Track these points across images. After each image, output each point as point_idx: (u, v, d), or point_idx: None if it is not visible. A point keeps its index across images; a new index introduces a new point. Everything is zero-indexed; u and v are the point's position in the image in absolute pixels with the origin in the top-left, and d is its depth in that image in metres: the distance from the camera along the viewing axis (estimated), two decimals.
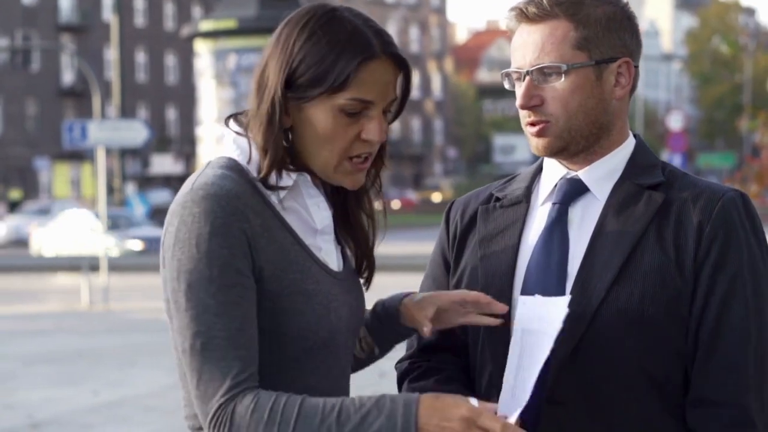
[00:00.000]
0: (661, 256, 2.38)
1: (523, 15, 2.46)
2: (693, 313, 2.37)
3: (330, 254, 2.43)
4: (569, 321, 2.24)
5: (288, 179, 2.36)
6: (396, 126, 2.87)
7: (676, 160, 51.50)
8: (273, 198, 2.35)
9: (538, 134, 2.46)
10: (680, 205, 2.42)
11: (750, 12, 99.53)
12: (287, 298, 2.30)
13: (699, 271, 2.37)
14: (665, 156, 57.09)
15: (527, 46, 2.45)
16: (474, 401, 2.14)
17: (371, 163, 2.43)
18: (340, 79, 2.28)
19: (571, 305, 2.25)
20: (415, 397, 2.14)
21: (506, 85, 2.54)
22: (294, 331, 2.30)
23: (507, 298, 2.45)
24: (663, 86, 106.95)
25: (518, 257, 2.50)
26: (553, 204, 2.51)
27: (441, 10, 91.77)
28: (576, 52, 2.43)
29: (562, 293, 2.39)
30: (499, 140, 77.76)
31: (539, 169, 2.61)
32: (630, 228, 2.42)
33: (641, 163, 2.52)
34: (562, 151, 2.48)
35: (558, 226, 2.48)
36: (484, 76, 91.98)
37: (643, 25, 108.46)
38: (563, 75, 2.43)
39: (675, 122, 50.96)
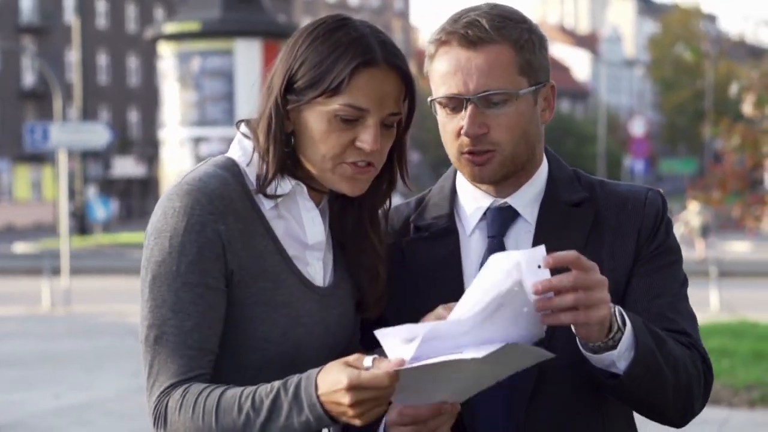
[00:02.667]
0: (604, 266, 2.34)
1: (464, 39, 2.38)
2: (633, 288, 2.43)
3: (316, 270, 2.42)
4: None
5: (286, 185, 2.36)
6: None
7: (639, 166, 51.79)
8: (265, 204, 2.35)
9: (482, 163, 2.41)
10: (610, 214, 2.47)
11: (711, 19, 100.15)
12: (252, 307, 2.30)
13: (639, 260, 2.44)
14: (628, 161, 57.45)
15: (469, 72, 2.37)
16: (367, 359, 2.08)
17: (387, 185, 2.46)
18: (335, 82, 2.28)
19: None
20: (315, 371, 2.11)
21: (440, 113, 2.45)
22: (254, 340, 2.30)
23: None
24: (625, 92, 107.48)
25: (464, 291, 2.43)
26: (490, 237, 2.48)
27: (404, 14, 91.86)
28: (520, 78, 2.40)
29: None
30: None
31: (452, 191, 2.57)
32: (567, 248, 2.35)
33: (558, 177, 2.53)
34: (502, 179, 2.45)
35: None
36: None
37: (605, 31, 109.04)
38: (514, 102, 2.39)
39: (637, 128, 51.27)
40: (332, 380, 2.07)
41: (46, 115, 60.42)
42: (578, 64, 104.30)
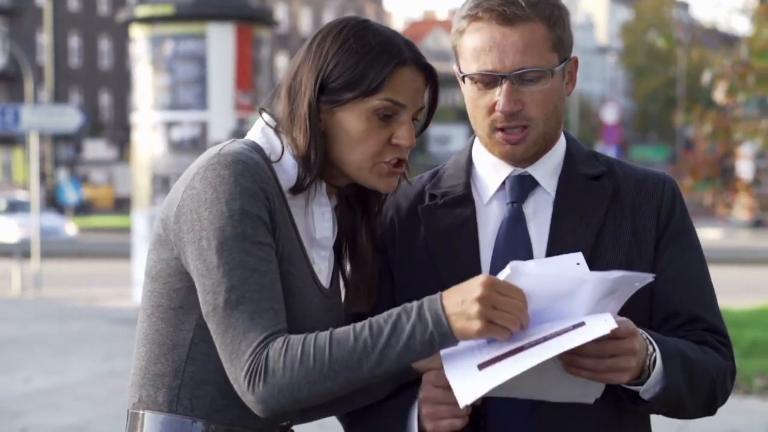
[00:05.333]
0: (623, 242, 2.45)
1: (501, 16, 2.39)
2: (657, 283, 2.44)
3: (321, 270, 2.45)
4: None
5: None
6: None
7: (611, 153, 51.86)
8: (287, 191, 2.38)
9: (516, 142, 2.44)
10: (629, 191, 2.50)
11: (684, 6, 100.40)
12: (282, 285, 2.31)
13: (665, 246, 2.49)
14: (599, 148, 57.47)
15: (505, 49, 2.39)
16: None
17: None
18: (375, 82, 2.34)
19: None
20: (437, 294, 2.17)
21: (470, 88, 2.46)
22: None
23: None
24: (598, 79, 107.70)
25: (480, 258, 2.48)
26: (509, 203, 2.50)
27: (378, 0, 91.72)
28: (552, 55, 2.43)
29: None
30: (435, 130, 77.91)
31: (468, 162, 2.59)
32: (588, 220, 2.46)
33: (577, 153, 2.56)
34: (533, 158, 2.49)
35: (517, 225, 2.48)
36: None
37: (578, 18, 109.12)
38: (548, 79, 2.42)
39: (609, 115, 51.37)
40: (465, 289, 2.13)
41: (17, 98, 60.07)
42: None
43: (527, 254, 2.45)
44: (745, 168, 22.52)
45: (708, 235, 35.98)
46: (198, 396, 2.35)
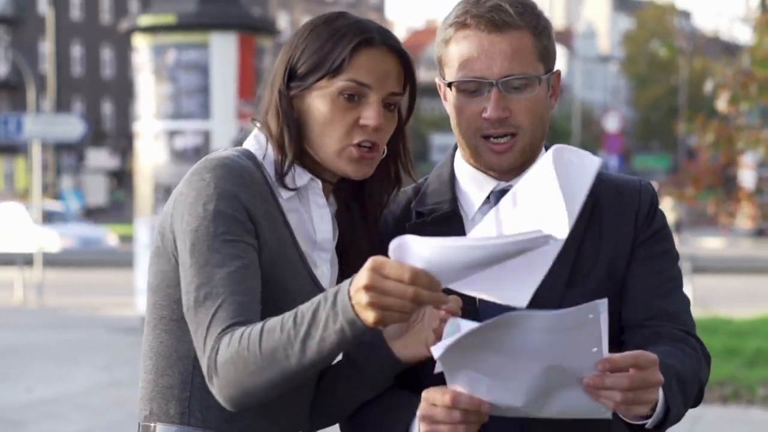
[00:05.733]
0: (603, 252, 2.46)
1: (490, 23, 2.41)
2: (629, 273, 2.48)
3: (323, 273, 2.44)
4: None
5: (300, 179, 2.40)
6: None
7: (613, 162, 51.90)
8: (282, 194, 2.38)
9: (503, 151, 2.45)
10: (608, 200, 2.51)
11: (686, 15, 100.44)
12: (270, 288, 2.31)
13: (638, 246, 2.50)
14: (602, 157, 57.19)
15: (493, 56, 2.41)
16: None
17: (394, 179, 2.50)
18: (338, 61, 2.34)
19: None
20: (350, 279, 2.08)
21: (456, 96, 2.46)
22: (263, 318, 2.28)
23: (470, 313, 2.35)
24: (600, 87, 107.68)
25: None
26: None
27: (380, 8, 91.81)
28: (539, 64, 2.45)
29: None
30: (437, 139, 77.80)
31: (451, 176, 2.58)
32: (569, 233, 2.44)
33: None
34: (520, 167, 2.49)
35: None
36: (423, 75, 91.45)
37: (580, 26, 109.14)
38: (535, 87, 2.43)
39: (612, 124, 51.38)
40: (359, 274, 2.04)
41: (19, 106, 60.12)
42: None
43: None
44: (747, 177, 22.49)
45: (710, 244, 35.95)
46: (208, 407, 2.35)
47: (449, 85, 2.47)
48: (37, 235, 21.88)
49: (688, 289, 14.21)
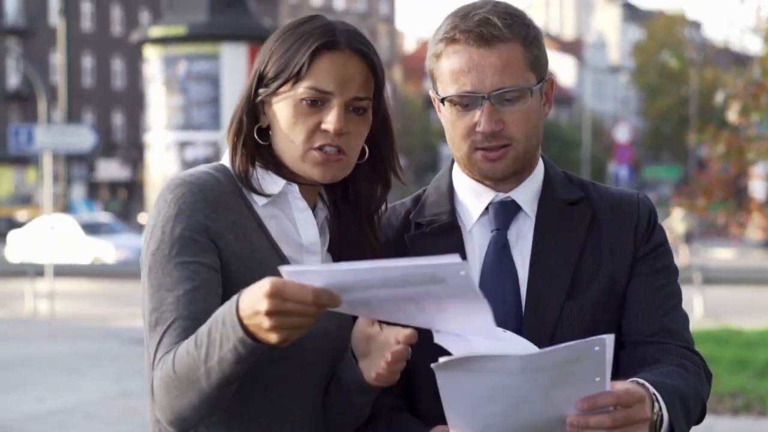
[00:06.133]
0: (604, 264, 2.47)
1: (479, 37, 2.41)
2: (630, 288, 2.48)
3: None
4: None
5: (275, 186, 2.41)
6: None
7: (623, 172, 51.89)
8: (257, 201, 2.39)
9: (497, 159, 2.45)
10: (606, 213, 2.52)
11: (696, 25, 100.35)
12: None
13: (638, 260, 2.50)
14: (612, 167, 57.45)
15: (484, 70, 2.41)
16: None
17: (382, 186, 2.50)
18: (297, 67, 2.34)
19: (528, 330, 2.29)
20: (234, 299, 2.08)
21: (449, 111, 2.47)
22: None
23: None
24: (610, 98, 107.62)
25: None
26: (494, 231, 2.52)
27: (390, 19, 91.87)
28: (530, 74, 2.45)
29: (519, 319, 2.42)
30: (447, 150, 77.67)
31: (450, 188, 2.59)
32: (568, 245, 2.48)
33: (554, 176, 2.58)
34: (513, 174, 2.50)
35: (503, 252, 2.50)
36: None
37: (591, 37, 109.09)
38: (527, 98, 2.43)
39: (622, 134, 51.38)
40: (253, 292, 2.03)
41: (30, 117, 60.27)
42: (563, 70, 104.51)
43: (513, 280, 2.46)
44: (758, 188, 22.42)
45: (721, 255, 35.88)
46: (212, 423, 2.35)
47: (442, 100, 2.48)
48: (91, 247, 21.82)
49: (698, 300, 14.19)
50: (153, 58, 16.17)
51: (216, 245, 2.30)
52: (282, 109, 2.38)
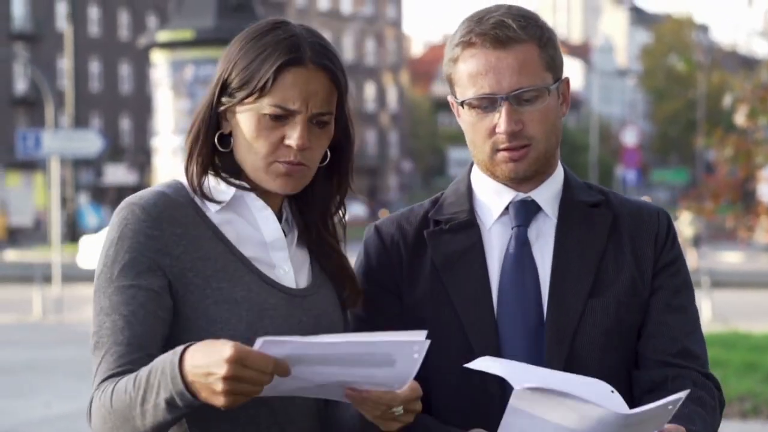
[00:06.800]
0: (626, 267, 2.50)
1: (495, 40, 2.43)
2: (652, 303, 2.51)
3: (286, 271, 2.43)
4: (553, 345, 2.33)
5: (226, 193, 2.41)
6: None
7: (630, 176, 51.87)
8: (211, 209, 2.39)
9: (519, 159, 2.47)
10: (626, 220, 2.55)
11: (704, 29, 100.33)
12: (213, 307, 2.32)
13: (658, 272, 2.52)
14: (619, 171, 57.42)
15: (501, 71, 2.43)
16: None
17: (337, 188, 2.49)
18: (261, 82, 2.33)
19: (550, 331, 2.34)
20: (177, 354, 2.09)
21: (468, 114, 2.49)
22: (224, 338, 2.27)
23: (489, 321, 2.45)
24: (617, 101, 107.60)
25: (490, 282, 2.50)
26: (515, 227, 2.54)
27: (397, 23, 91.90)
28: (546, 74, 2.48)
29: (540, 313, 2.45)
30: (455, 153, 77.90)
31: (469, 190, 2.61)
32: (590, 244, 2.50)
33: (573, 182, 2.61)
34: (534, 175, 2.52)
35: (524, 248, 2.51)
36: (440, 89, 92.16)
37: (598, 41, 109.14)
38: (545, 97, 2.46)
39: (629, 138, 51.34)
40: (211, 353, 2.03)
41: (38, 122, 60.35)
42: (571, 73, 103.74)
43: (534, 277, 2.49)
44: (766, 191, 22.42)
45: (729, 258, 35.83)
46: (209, 429, 2.35)
47: (461, 103, 2.50)
48: None
49: (706, 304, 14.21)
50: (160, 62, 16.20)
51: (162, 263, 2.31)
52: (245, 121, 2.37)
